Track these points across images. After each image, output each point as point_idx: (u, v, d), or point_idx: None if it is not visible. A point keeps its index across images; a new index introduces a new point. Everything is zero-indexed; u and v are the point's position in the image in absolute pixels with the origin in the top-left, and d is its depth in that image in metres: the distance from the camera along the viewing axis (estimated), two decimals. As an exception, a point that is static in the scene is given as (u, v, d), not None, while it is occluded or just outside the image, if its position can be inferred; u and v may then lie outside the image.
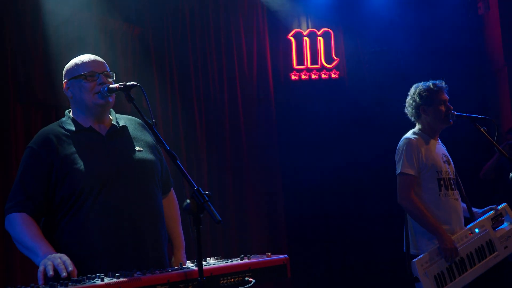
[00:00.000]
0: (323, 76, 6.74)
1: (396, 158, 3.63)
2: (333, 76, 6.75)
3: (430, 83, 3.65)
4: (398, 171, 3.59)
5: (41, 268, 2.12)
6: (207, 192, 1.99)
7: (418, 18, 6.65)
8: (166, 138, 5.53)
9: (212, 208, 1.95)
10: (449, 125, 3.64)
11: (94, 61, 2.52)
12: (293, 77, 6.71)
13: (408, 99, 3.71)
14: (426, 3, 6.69)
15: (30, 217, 2.33)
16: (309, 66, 6.73)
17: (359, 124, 6.53)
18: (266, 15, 6.55)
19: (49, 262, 2.10)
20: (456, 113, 3.61)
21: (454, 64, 6.55)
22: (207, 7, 6.21)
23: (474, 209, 3.74)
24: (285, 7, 6.60)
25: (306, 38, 6.74)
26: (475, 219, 3.66)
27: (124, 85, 2.37)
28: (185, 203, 1.97)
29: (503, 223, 3.71)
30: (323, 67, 6.75)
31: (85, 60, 2.51)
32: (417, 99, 3.64)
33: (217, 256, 2.40)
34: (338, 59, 6.76)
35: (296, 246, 6.37)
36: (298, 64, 6.72)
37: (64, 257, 2.15)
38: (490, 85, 6.69)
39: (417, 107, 3.65)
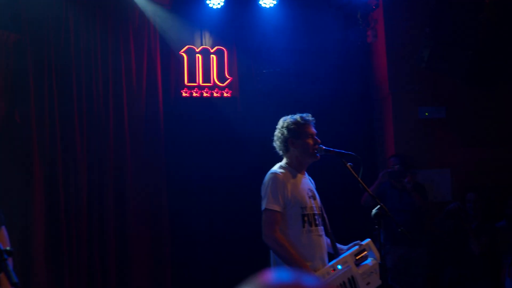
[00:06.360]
0: (215, 94, 6.61)
1: (262, 193, 3.55)
2: (225, 94, 6.64)
3: (297, 116, 3.61)
4: (263, 207, 3.50)
5: None
6: (7, 248, 1.78)
7: (311, 42, 6.69)
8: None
9: (10, 268, 1.74)
10: (316, 159, 3.62)
11: None
12: (184, 94, 6.53)
13: (277, 133, 3.64)
14: (319, 28, 6.73)
15: None
16: (201, 83, 6.58)
17: (246, 142, 6.42)
18: (158, 29, 6.35)
19: None
20: (324, 147, 3.60)
21: (345, 89, 6.67)
22: (94, 16, 5.91)
23: (339, 245, 3.71)
24: (177, 23, 6.42)
25: (198, 55, 6.58)
26: (339, 255, 3.64)
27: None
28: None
29: (367, 259, 3.69)
30: (215, 85, 6.62)
31: None
32: (285, 132, 3.58)
33: None
34: (231, 78, 6.66)
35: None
36: (189, 81, 6.55)
37: None
38: (377, 111, 6.87)
39: (285, 140, 3.59)
